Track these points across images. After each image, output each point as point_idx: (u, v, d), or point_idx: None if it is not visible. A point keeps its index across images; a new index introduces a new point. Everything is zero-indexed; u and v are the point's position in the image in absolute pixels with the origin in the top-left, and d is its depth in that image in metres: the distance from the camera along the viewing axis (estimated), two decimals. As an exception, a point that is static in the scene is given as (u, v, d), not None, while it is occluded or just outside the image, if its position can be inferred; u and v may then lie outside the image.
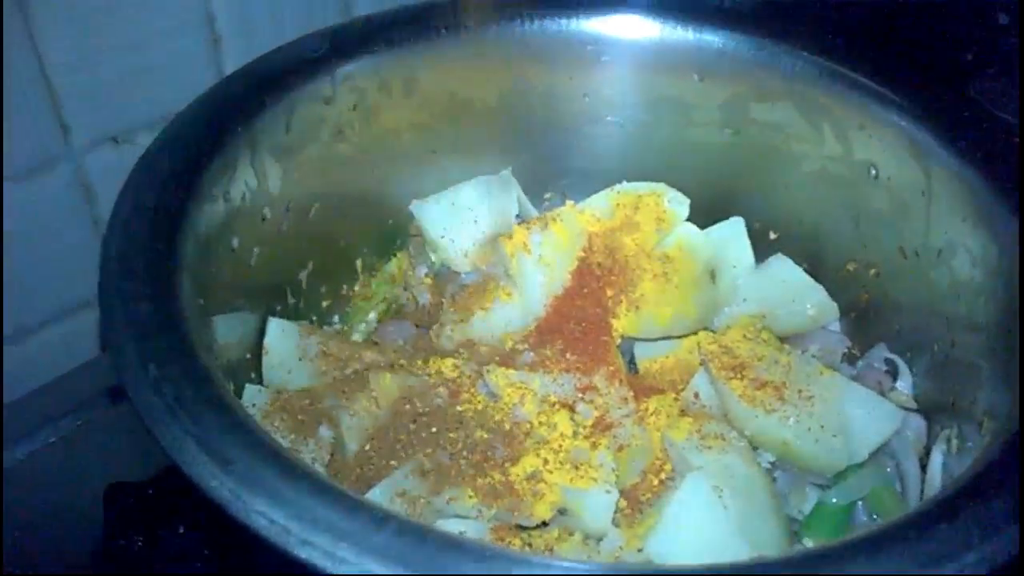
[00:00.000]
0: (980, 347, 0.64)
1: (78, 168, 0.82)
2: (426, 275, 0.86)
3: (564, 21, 0.82)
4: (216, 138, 0.66)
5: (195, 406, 0.46)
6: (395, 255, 0.87)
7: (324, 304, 0.82)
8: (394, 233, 0.87)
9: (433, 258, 0.86)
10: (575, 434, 0.67)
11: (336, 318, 0.84)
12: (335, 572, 0.40)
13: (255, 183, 0.69)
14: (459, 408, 0.69)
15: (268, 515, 0.42)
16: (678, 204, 0.82)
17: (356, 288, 0.85)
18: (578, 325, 0.76)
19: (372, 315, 0.84)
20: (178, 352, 0.49)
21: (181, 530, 0.72)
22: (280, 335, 0.73)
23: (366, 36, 0.78)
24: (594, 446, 0.66)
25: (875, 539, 0.43)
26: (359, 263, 0.85)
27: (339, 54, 0.76)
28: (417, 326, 0.82)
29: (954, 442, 0.67)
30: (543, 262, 0.78)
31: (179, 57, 0.84)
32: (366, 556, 0.41)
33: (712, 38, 0.80)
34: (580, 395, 0.71)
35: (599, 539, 0.64)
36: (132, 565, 0.71)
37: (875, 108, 0.74)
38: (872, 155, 0.76)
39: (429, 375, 0.72)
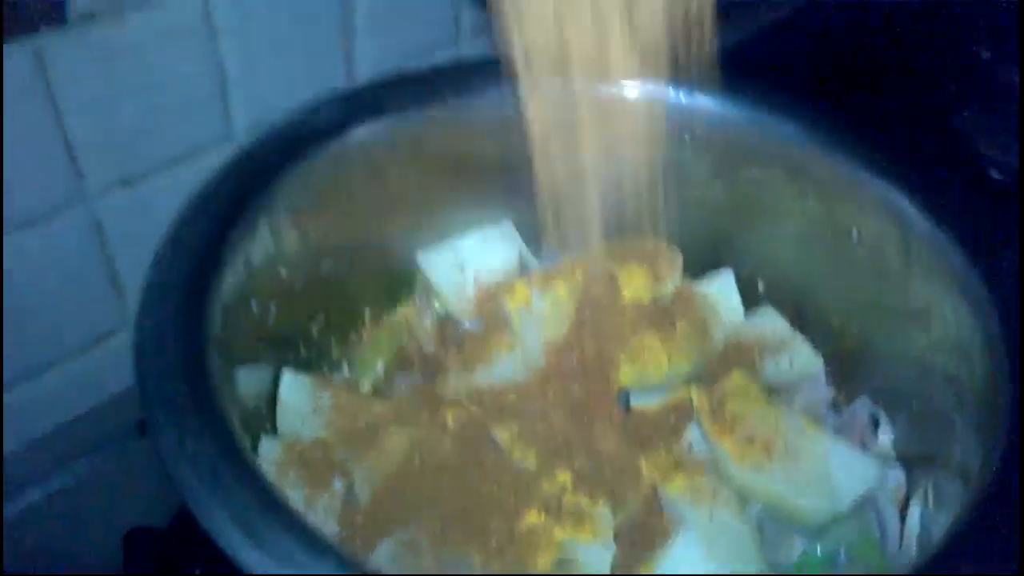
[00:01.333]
0: (954, 401, 0.69)
1: (90, 211, 0.85)
2: (431, 324, 0.90)
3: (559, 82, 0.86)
4: (237, 207, 0.69)
5: (231, 483, 0.50)
6: (401, 304, 0.91)
7: (334, 353, 0.85)
8: (400, 282, 0.90)
9: (437, 307, 0.90)
10: (575, 487, 0.71)
11: (345, 365, 0.87)
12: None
13: (273, 247, 0.73)
14: (464, 461, 0.73)
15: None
16: (672, 257, 0.86)
17: (364, 336, 0.89)
18: (577, 378, 0.80)
19: (380, 364, 0.87)
20: (212, 427, 0.53)
21: (198, 573, 0.75)
22: (293, 388, 0.76)
23: (377, 102, 0.81)
24: (593, 499, 0.70)
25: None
26: (367, 312, 0.89)
27: (353, 119, 0.79)
28: (423, 374, 0.86)
29: (931, 495, 0.72)
30: (543, 316, 0.81)
31: (189, 101, 0.87)
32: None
33: (702, 100, 0.84)
34: (581, 447, 0.75)
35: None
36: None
37: (856, 174, 0.79)
38: (853, 219, 0.80)
39: (435, 427, 0.76)
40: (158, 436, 0.52)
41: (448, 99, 0.84)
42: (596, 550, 0.67)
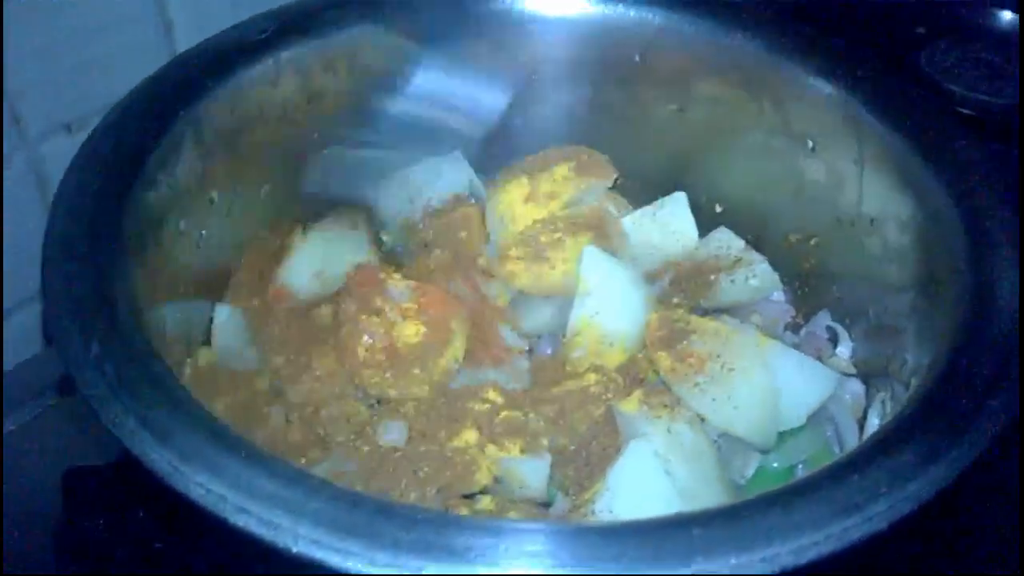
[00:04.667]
0: (906, 309, 0.67)
1: (32, 158, 0.81)
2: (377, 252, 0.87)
3: (508, 0, 0.83)
4: (160, 121, 0.66)
5: (136, 383, 0.47)
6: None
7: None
8: (347, 210, 0.87)
9: (385, 239, 0.87)
10: (509, 405, 0.69)
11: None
12: (270, 538, 0.41)
13: (201, 166, 0.70)
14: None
15: (206, 485, 0.43)
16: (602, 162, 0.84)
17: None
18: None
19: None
20: (119, 330, 0.50)
21: (141, 513, 0.72)
22: (228, 319, 0.74)
23: (311, 18, 0.78)
24: (526, 414, 0.68)
25: (791, 491, 0.45)
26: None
27: (284, 36, 0.76)
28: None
29: (888, 404, 0.70)
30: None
31: (131, 44, 0.83)
32: (300, 522, 0.42)
33: (651, 16, 0.81)
34: (512, 367, 0.73)
35: (547, 506, 0.66)
36: (94, 548, 0.72)
37: (810, 80, 0.76)
38: (808, 127, 0.77)
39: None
40: (61, 339, 0.49)
41: (388, 17, 0.81)
42: (532, 463, 0.64)
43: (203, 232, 0.71)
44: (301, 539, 0.41)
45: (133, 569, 0.69)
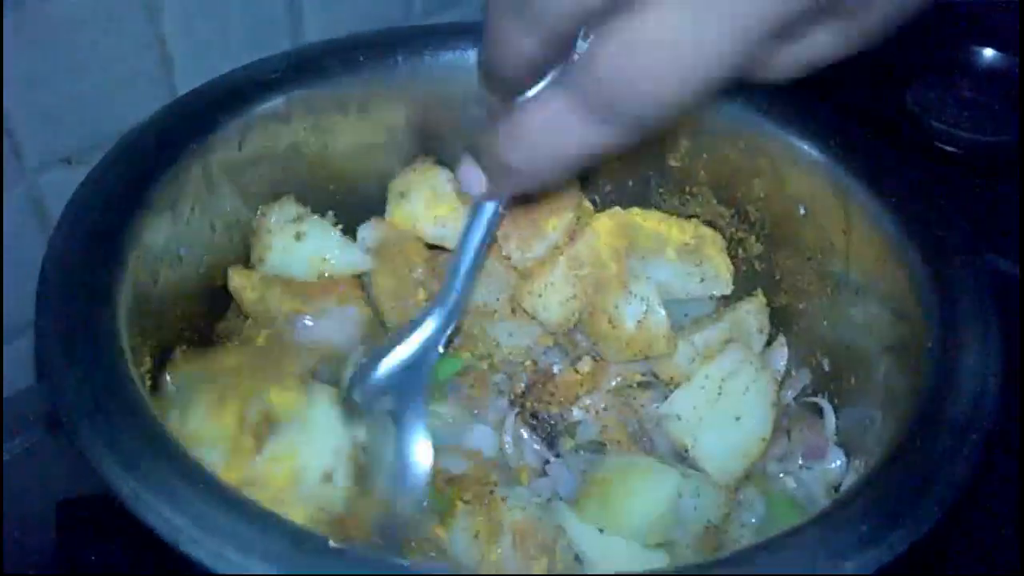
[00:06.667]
0: (880, 379, 0.67)
1: (31, 190, 0.83)
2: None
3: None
4: (167, 152, 0.69)
5: (111, 409, 0.50)
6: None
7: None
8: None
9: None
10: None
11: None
12: (219, 571, 0.43)
13: (205, 197, 0.72)
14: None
15: (164, 515, 0.45)
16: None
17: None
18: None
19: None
20: (103, 356, 0.53)
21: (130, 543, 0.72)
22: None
23: (325, 59, 0.81)
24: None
25: (719, 564, 0.46)
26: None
27: (297, 75, 0.79)
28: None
29: (862, 472, 0.70)
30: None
31: (131, 78, 0.85)
32: (250, 557, 0.44)
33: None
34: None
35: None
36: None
37: (802, 146, 0.77)
38: (801, 192, 0.79)
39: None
40: (48, 370, 0.51)
41: (400, 63, 0.83)
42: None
43: (204, 258, 0.74)
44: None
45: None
